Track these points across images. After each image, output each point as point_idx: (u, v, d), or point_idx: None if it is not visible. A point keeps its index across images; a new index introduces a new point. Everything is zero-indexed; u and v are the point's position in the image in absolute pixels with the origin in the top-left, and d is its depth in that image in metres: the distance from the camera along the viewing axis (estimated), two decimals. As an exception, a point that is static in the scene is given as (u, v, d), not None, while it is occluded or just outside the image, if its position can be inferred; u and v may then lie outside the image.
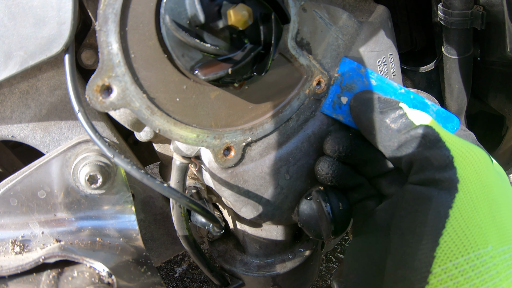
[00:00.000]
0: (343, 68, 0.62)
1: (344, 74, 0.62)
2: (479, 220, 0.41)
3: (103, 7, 0.45)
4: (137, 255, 0.63)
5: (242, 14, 0.46)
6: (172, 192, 0.53)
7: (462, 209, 0.42)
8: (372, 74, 0.62)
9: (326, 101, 0.62)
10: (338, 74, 0.62)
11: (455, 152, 0.46)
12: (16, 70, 0.51)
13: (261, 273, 0.79)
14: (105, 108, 0.48)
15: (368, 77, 0.62)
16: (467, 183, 0.43)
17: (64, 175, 0.61)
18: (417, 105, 0.61)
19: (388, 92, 0.61)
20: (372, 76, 0.62)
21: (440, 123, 0.59)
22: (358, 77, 0.62)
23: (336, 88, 0.62)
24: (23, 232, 0.61)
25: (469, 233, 0.41)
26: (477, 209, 0.42)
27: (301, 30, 0.59)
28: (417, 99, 0.61)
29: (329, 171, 0.59)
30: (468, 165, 0.45)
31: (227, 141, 0.57)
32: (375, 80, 0.62)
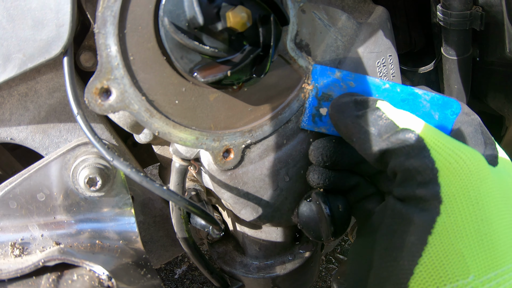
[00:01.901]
0: (315, 77, 0.58)
1: (318, 84, 0.58)
2: (462, 247, 0.37)
3: (101, 9, 0.45)
4: (136, 257, 0.63)
5: (241, 16, 0.46)
6: (172, 194, 0.53)
7: (442, 236, 0.38)
8: (349, 75, 0.58)
9: (304, 117, 0.59)
10: (311, 86, 0.58)
11: (441, 163, 0.41)
12: (15, 72, 0.51)
13: (261, 274, 0.79)
14: (104, 111, 0.48)
15: (346, 80, 0.57)
16: (452, 203, 0.39)
17: (64, 177, 0.60)
18: (406, 99, 0.56)
19: (370, 90, 0.57)
20: (349, 78, 0.57)
21: (437, 112, 0.55)
22: (334, 83, 0.58)
23: (313, 100, 0.58)
24: (22, 234, 0.61)
25: (448, 263, 0.37)
26: (461, 234, 0.38)
27: (300, 31, 0.59)
28: (405, 91, 0.56)
29: (320, 181, 0.58)
30: (455, 179, 0.40)
31: (227, 143, 0.57)
32: (354, 81, 0.57)
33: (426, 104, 0.56)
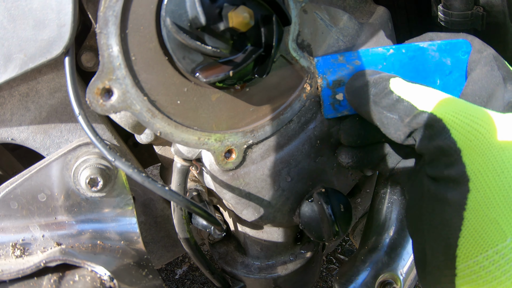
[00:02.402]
0: (321, 69, 0.59)
1: (326, 74, 0.59)
2: (496, 215, 0.41)
3: (103, 9, 0.45)
4: (138, 258, 0.63)
5: (243, 16, 0.46)
6: (173, 195, 0.53)
7: (476, 209, 0.42)
8: (352, 55, 0.58)
9: (325, 108, 0.60)
10: (320, 79, 0.59)
11: (462, 143, 0.43)
12: (16, 72, 0.51)
13: (262, 275, 0.79)
14: (106, 111, 0.48)
15: (350, 61, 0.58)
16: (479, 179, 0.42)
17: (65, 178, 0.60)
18: (414, 56, 0.56)
19: (377, 61, 0.57)
20: (353, 57, 0.58)
21: (448, 57, 0.55)
22: (340, 68, 0.58)
23: (326, 91, 0.59)
24: (23, 235, 0.61)
25: (486, 232, 0.41)
26: (492, 204, 0.41)
27: (302, 31, 0.59)
28: (411, 50, 0.56)
29: (351, 160, 0.59)
30: (478, 156, 0.42)
31: (228, 143, 0.57)
32: (358, 59, 0.58)
33: (435, 54, 0.56)
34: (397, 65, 0.57)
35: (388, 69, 0.58)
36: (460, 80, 0.58)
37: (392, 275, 0.76)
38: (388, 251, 0.78)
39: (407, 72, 0.58)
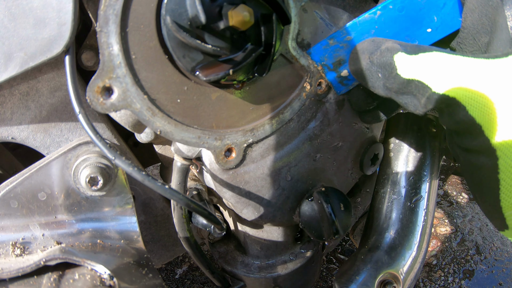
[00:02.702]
0: (316, 57, 0.59)
1: (323, 60, 0.59)
2: None
3: (103, 8, 0.45)
4: (138, 257, 0.63)
5: (243, 15, 0.46)
6: (174, 193, 0.53)
7: (509, 172, 0.45)
8: (341, 33, 0.58)
9: (335, 87, 0.62)
10: (320, 67, 0.60)
11: (480, 118, 0.45)
12: (16, 71, 0.51)
13: (262, 274, 0.79)
14: (106, 109, 0.48)
15: (341, 39, 0.58)
16: (504, 147, 0.45)
17: (65, 177, 0.60)
18: (404, 7, 0.55)
19: (369, 28, 0.57)
20: (343, 35, 0.58)
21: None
22: (335, 49, 0.59)
23: (331, 74, 0.60)
24: (23, 234, 0.61)
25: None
26: None
27: (301, 31, 0.59)
28: (398, 2, 0.55)
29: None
30: (498, 129, 0.44)
31: (228, 142, 0.57)
32: (348, 34, 0.57)
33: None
34: (389, 23, 0.57)
35: (382, 31, 0.57)
36: (455, 8, 0.57)
37: (392, 275, 0.76)
38: (388, 250, 0.78)
39: (402, 24, 0.57)
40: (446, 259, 1.73)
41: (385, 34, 0.57)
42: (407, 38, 0.58)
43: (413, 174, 0.79)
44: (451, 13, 0.57)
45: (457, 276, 1.65)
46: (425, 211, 0.79)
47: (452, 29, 0.58)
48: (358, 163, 0.73)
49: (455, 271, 1.67)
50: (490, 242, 1.79)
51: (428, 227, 0.81)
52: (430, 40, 0.58)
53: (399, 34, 0.57)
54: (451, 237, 1.82)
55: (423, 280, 1.63)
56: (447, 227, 1.87)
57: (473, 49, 0.54)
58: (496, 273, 1.65)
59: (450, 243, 1.79)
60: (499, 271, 1.66)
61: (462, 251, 1.76)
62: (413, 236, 0.79)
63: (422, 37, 0.58)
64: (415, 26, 0.57)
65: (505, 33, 0.49)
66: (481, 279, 1.63)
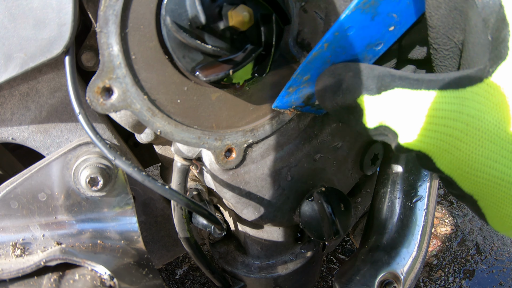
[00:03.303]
0: (285, 106, 0.57)
1: (292, 104, 0.57)
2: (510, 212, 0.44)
3: (103, 8, 0.45)
4: (138, 257, 0.63)
5: (243, 15, 0.46)
6: (174, 194, 0.53)
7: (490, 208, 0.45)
8: (297, 78, 0.52)
9: (316, 113, 0.60)
10: (292, 109, 0.58)
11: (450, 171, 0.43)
12: (16, 72, 0.51)
13: (263, 274, 0.79)
14: (106, 110, 0.48)
15: (300, 82, 0.53)
16: (478, 192, 0.44)
17: (65, 177, 0.60)
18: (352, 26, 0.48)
19: (322, 62, 0.51)
20: (301, 76, 0.52)
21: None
22: (298, 92, 0.55)
23: (306, 109, 0.59)
24: (23, 235, 0.61)
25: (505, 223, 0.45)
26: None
27: (301, 31, 0.59)
28: (340, 30, 0.48)
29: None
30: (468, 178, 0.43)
31: (229, 142, 0.57)
32: (304, 73, 0.52)
33: (372, 2, 0.48)
34: (343, 46, 0.50)
35: (339, 56, 0.51)
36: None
37: (392, 275, 0.76)
38: (388, 250, 0.77)
39: (359, 40, 0.50)
40: (447, 259, 1.73)
41: (343, 56, 0.51)
42: (369, 47, 0.52)
43: (413, 174, 0.79)
44: (410, 3, 0.49)
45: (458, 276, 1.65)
46: (425, 211, 0.79)
47: (416, 17, 0.50)
48: (358, 163, 0.73)
49: (456, 271, 1.67)
50: (490, 241, 1.79)
51: (428, 227, 0.81)
52: (396, 36, 0.52)
53: (358, 48, 0.51)
54: (451, 237, 1.82)
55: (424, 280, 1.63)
56: (448, 227, 1.87)
57: (448, 47, 0.47)
58: (496, 273, 1.65)
59: (450, 243, 1.79)
60: (499, 270, 1.66)
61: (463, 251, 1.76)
62: (414, 236, 0.79)
63: (386, 37, 0.52)
64: (373, 32, 0.51)
65: (482, 35, 0.42)
66: (482, 278, 1.63)
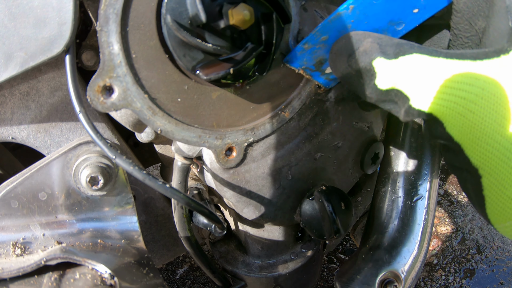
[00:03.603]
0: (296, 64, 0.56)
1: (303, 64, 0.56)
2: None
3: (104, 7, 0.45)
4: (139, 256, 0.62)
5: (244, 13, 0.46)
6: (174, 193, 0.53)
7: (492, 189, 0.43)
8: (315, 35, 0.52)
9: (323, 83, 0.59)
10: (301, 71, 0.57)
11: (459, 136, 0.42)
12: (17, 71, 0.51)
13: (263, 274, 0.79)
14: (107, 108, 0.48)
15: (317, 41, 0.52)
16: (486, 166, 0.42)
17: (65, 176, 0.60)
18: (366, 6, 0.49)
19: (344, 24, 0.51)
20: (318, 36, 0.52)
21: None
22: (312, 51, 0.54)
23: (315, 74, 0.57)
24: (24, 234, 0.61)
25: (506, 207, 0.43)
26: (508, 184, 0.42)
27: (302, 29, 0.59)
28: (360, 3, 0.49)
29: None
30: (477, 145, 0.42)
31: (229, 141, 0.57)
32: (323, 34, 0.51)
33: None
34: (367, 14, 0.51)
35: (360, 23, 0.51)
36: None
37: (393, 274, 0.76)
38: (389, 249, 0.77)
39: (382, 11, 0.51)
40: (447, 258, 1.73)
41: (365, 25, 0.51)
42: (391, 24, 0.52)
43: (413, 173, 0.79)
44: None
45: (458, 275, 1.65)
46: (425, 210, 0.79)
47: (442, 5, 0.50)
48: (358, 162, 0.73)
49: (456, 270, 1.67)
50: (491, 241, 1.79)
51: (429, 226, 0.81)
52: (419, 20, 0.52)
53: (381, 22, 0.51)
54: (451, 236, 1.82)
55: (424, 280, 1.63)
56: (448, 226, 1.87)
57: (469, 35, 0.48)
58: (497, 272, 1.65)
59: (451, 242, 1.79)
60: (500, 270, 1.66)
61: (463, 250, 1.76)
62: (414, 235, 0.79)
63: (408, 18, 0.52)
64: (398, 10, 0.51)
65: (503, 21, 0.43)
66: (482, 278, 1.63)
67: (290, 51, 0.57)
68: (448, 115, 0.42)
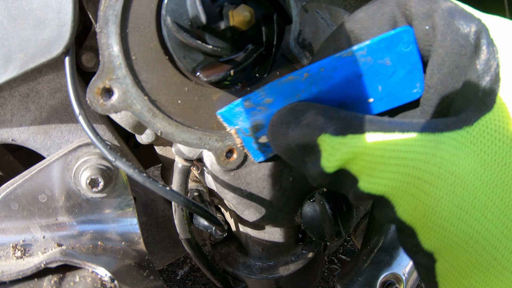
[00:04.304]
0: (228, 121, 0.48)
1: (237, 124, 0.48)
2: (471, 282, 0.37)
3: (103, 8, 0.45)
4: (139, 258, 0.62)
5: (244, 15, 0.45)
6: (175, 195, 0.53)
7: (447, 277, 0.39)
8: (259, 95, 0.45)
9: (253, 154, 0.52)
10: (233, 131, 0.49)
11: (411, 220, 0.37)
12: (16, 73, 0.51)
13: (264, 275, 0.78)
14: (106, 110, 0.48)
15: (259, 102, 0.46)
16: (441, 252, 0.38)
17: (65, 178, 0.60)
18: (338, 71, 0.43)
19: (293, 92, 0.44)
20: (261, 97, 0.45)
21: (387, 57, 0.42)
22: (250, 113, 0.47)
23: (247, 140, 0.49)
24: (24, 236, 0.60)
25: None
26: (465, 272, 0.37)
27: (303, 31, 0.59)
28: (331, 65, 0.42)
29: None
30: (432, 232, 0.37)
31: (230, 143, 0.57)
32: (269, 95, 0.45)
33: (366, 59, 0.42)
34: (320, 88, 0.44)
35: (310, 95, 0.45)
36: (410, 76, 0.44)
37: (394, 275, 0.75)
38: (390, 251, 0.77)
39: (335, 90, 0.45)
40: (448, 259, 1.72)
41: (314, 100, 0.45)
42: (341, 107, 0.45)
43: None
44: (401, 83, 0.44)
45: (459, 276, 1.64)
46: (427, 211, 0.79)
47: (402, 102, 0.45)
48: (360, 163, 0.73)
49: (457, 271, 1.66)
50: (492, 242, 1.78)
51: (430, 228, 0.80)
52: (372, 111, 0.46)
53: (331, 102, 0.45)
54: (453, 237, 1.81)
55: (425, 281, 1.63)
56: (449, 227, 1.86)
57: (440, 109, 0.42)
58: (498, 273, 1.64)
59: (452, 243, 1.79)
60: (501, 271, 1.65)
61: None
62: (416, 237, 0.79)
63: (361, 107, 0.45)
64: (352, 94, 0.45)
65: (472, 90, 0.37)
66: (484, 279, 1.62)
67: (290, 52, 0.57)
68: (399, 197, 0.36)
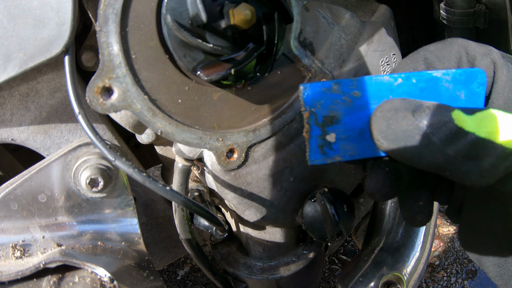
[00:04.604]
0: (308, 100, 0.43)
1: (315, 107, 0.43)
2: None
3: (103, 7, 0.44)
4: (139, 259, 0.62)
5: (245, 13, 0.45)
6: (175, 195, 0.52)
7: None
8: (350, 84, 0.44)
9: (311, 151, 0.44)
10: (307, 113, 0.43)
11: None
12: (16, 72, 0.51)
13: (265, 276, 0.78)
14: (106, 110, 0.47)
15: (347, 91, 0.44)
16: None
17: (65, 178, 0.60)
18: (425, 87, 0.45)
19: (382, 93, 0.44)
20: (351, 87, 0.44)
21: (463, 90, 0.45)
22: (334, 100, 0.44)
23: (314, 130, 0.44)
24: (23, 236, 0.60)
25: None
26: None
27: (304, 30, 0.58)
28: (422, 80, 0.45)
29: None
30: None
31: (230, 143, 0.56)
32: (358, 89, 0.44)
33: (448, 86, 0.45)
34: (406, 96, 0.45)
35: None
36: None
37: (395, 276, 0.75)
38: (391, 251, 0.77)
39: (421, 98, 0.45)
40: (449, 259, 1.72)
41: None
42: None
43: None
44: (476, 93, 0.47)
45: (460, 276, 1.65)
46: (428, 211, 0.79)
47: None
48: (360, 163, 0.73)
49: (458, 271, 1.67)
50: (493, 242, 1.78)
51: (431, 228, 0.80)
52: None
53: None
54: (453, 238, 1.81)
55: (426, 281, 1.63)
56: (450, 227, 1.86)
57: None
58: (499, 274, 1.64)
59: (452, 244, 1.79)
60: (502, 271, 1.65)
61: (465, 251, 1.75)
62: (416, 237, 0.79)
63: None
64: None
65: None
66: (484, 279, 1.62)
67: (290, 51, 0.56)
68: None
